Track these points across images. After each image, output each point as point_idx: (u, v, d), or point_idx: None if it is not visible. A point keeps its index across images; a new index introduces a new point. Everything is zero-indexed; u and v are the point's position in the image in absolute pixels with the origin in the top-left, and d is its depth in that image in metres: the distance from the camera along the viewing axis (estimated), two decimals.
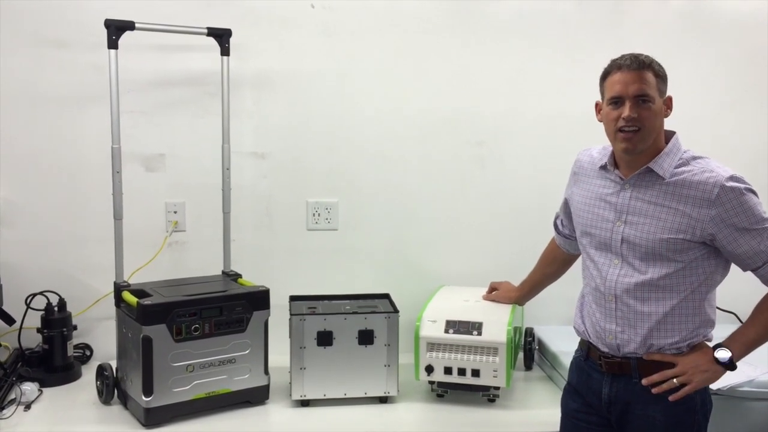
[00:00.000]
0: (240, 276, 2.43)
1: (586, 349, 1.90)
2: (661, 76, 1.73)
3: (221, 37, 2.40)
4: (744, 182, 1.71)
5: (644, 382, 1.77)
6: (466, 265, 2.51)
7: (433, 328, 2.25)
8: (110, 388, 2.22)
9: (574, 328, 1.96)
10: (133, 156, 2.52)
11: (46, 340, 2.40)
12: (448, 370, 2.23)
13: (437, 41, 2.67)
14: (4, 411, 2.13)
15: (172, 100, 2.57)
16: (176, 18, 2.37)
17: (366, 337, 2.25)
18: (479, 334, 2.22)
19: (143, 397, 2.07)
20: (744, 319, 2.85)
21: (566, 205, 2.05)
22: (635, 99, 1.71)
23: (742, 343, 1.77)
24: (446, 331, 2.24)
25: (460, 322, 2.25)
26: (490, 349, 2.21)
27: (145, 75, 2.53)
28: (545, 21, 2.70)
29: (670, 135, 1.79)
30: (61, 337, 2.40)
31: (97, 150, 2.43)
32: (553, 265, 2.24)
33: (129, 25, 2.24)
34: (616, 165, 1.81)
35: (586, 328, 1.89)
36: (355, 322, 2.25)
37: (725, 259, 1.77)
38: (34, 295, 2.42)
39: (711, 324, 1.81)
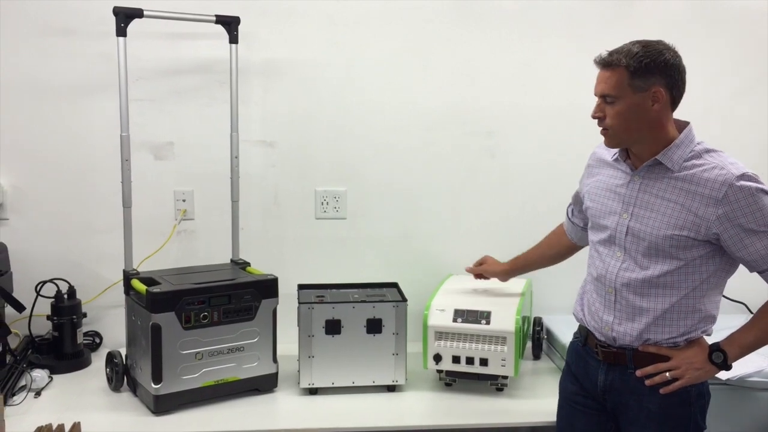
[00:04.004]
0: (248, 264, 2.44)
1: (584, 335, 1.90)
2: (637, 71, 1.64)
3: (229, 24, 2.40)
4: (756, 181, 1.65)
5: (638, 373, 1.76)
6: (474, 254, 2.49)
7: (441, 317, 2.25)
8: (120, 375, 2.23)
9: (573, 314, 1.96)
10: (142, 144, 2.53)
11: (55, 328, 2.41)
12: (456, 359, 2.24)
13: (444, 32, 2.65)
14: (15, 398, 2.15)
15: (180, 89, 2.57)
16: (185, 6, 2.36)
17: (374, 326, 2.25)
18: (487, 323, 2.22)
19: (153, 385, 2.08)
20: (753, 308, 2.85)
21: (578, 196, 2.04)
22: (600, 98, 1.71)
23: (740, 345, 1.75)
24: (454, 320, 2.24)
25: (469, 311, 2.25)
26: (499, 339, 2.21)
27: (154, 63, 2.53)
28: (553, 12, 2.68)
29: (683, 125, 1.74)
30: (70, 324, 2.41)
31: (105, 138, 2.44)
32: (555, 248, 2.22)
33: (137, 13, 2.24)
34: (628, 156, 1.79)
35: (584, 315, 1.89)
36: (364, 311, 2.25)
37: (730, 258, 1.73)
38: (44, 282, 2.43)
39: (712, 320, 1.78)
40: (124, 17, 2.21)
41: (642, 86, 1.65)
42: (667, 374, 1.74)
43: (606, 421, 1.87)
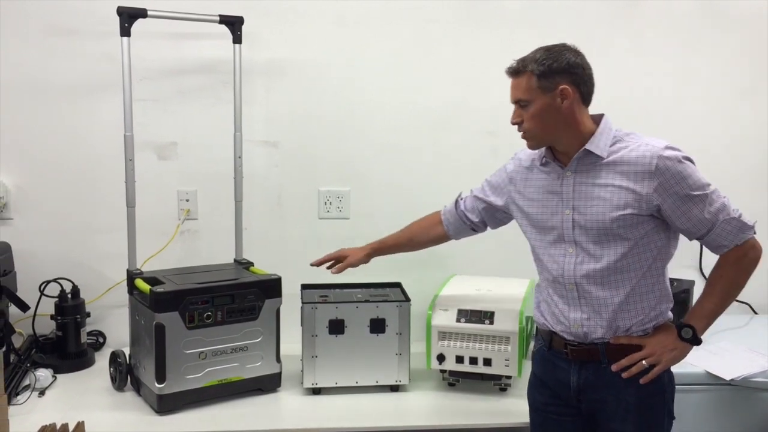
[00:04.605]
0: (252, 264, 2.44)
1: (548, 339, 1.89)
2: (543, 73, 1.73)
3: (233, 24, 2.40)
4: (680, 151, 1.73)
5: (614, 367, 1.78)
6: (477, 254, 2.50)
7: (444, 317, 2.25)
8: (123, 374, 2.24)
9: (534, 320, 1.96)
10: (146, 144, 2.53)
11: (59, 327, 2.42)
12: (459, 359, 2.24)
13: (447, 31, 2.66)
14: (19, 397, 2.15)
15: (184, 89, 2.57)
16: (188, 6, 2.36)
17: (378, 326, 2.25)
18: (491, 323, 2.22)
19: (156, 384, 2.08)
20: (757, 309, 2.86)
21: (491, 206, 2.07)
22: (516, 104, 1.80)
23: (703, 316, 1.79)
24: (458, 320, 2.24)
25: (472, 311, 2.25)
26: (502, 338, 2.21)
27: (157, 63, 2.53)
28: (556, 11, 2.68)
29: (599, 118, 1.81)
30: (74, 323, 2.42)
31: (109, 138, 2.44)
32: (425, 236, 2.23)
33: (141, 13, 2.24)
34: (555, 157, 1.84)
35: (547, 320, 1.89)
36: (367, 311, 2.25)
37: (673, 232, 1.79)
38: (48, 282, 2.44)
39: (669, 298, 1.83)
40: (128, 17, 2.22)
41: (549, 86, 1.73)
42: (644, 362, 1.76)
43: (582, 424, 1.87)
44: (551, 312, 1.87)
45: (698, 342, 1.78)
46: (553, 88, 1.73)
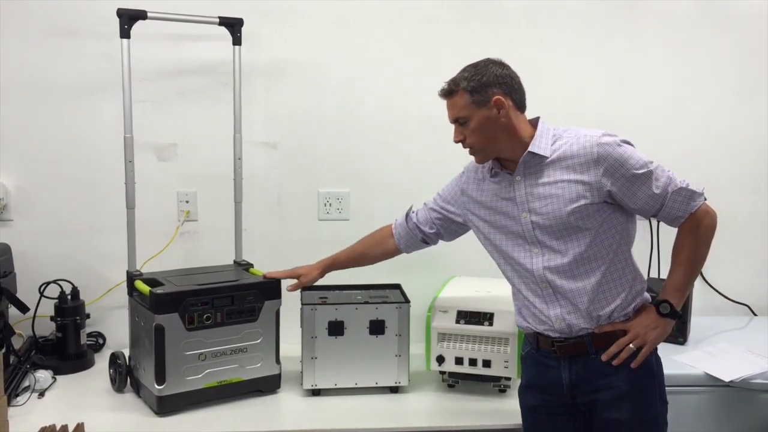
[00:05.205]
0: (252, 265, 2.44)
1: (535, 341, 1.91)
2: (475, 89, 1.78)
3: (233, 26, 2.40)
4: (617, 136, 1.78)
5: (603, 357, 1.80)
6: (477, 256, 2.47)
7: (444, 319, 2.25)
8: (123, 376, 2.24)
9: (518, 326, 1.98)
10: (146, 145, 2.53)
11: (59, 328, 2.42)
12: (459, 361, 2.24)
13: (448, 32, 2.66)
14: (18, 398, 2.15)
15: (184, 90, 2.57)
16: (188, 8, 2.36)
17: (377, 327, 2.25)
18: (490, 324, 2.22)
19: (156, 385, 2.08)
20: (756, 310, 2.85)
21: (446, 218, 2.09)
22: (455, 123, 1.85)
23: (675, 289, 1.83)
24: (457, 322, 2.24)
25: (471, 313, 2.25)
26: (502, 340, 2.21)
27: (157, 64, 2.53)
28: (558, 12, 2.68)
29: (536, 121, 1.86)
30: (74, 325, 2.42)
31: (109, 140, 2.44)
32: (378, 249, 2.23)
33: (141, 15, 2.24)
34: (502, 166, 1.88)
35: (530, 322, 1.90)
36: (367, 312, 2.25)
37: (629, 215, 1.83)
38: (48, 283, 2.44)
39: (642, 278, 1.88)
40: (128, 19, 2.22)
41: (483, 100, 1.79)
42: (631, 345, 1.79)
43: (574, 422, 1.89)
44: (531, 314, 1.88)
45: (678, 315, 1.83)
46: (487, 101, 1.79)
